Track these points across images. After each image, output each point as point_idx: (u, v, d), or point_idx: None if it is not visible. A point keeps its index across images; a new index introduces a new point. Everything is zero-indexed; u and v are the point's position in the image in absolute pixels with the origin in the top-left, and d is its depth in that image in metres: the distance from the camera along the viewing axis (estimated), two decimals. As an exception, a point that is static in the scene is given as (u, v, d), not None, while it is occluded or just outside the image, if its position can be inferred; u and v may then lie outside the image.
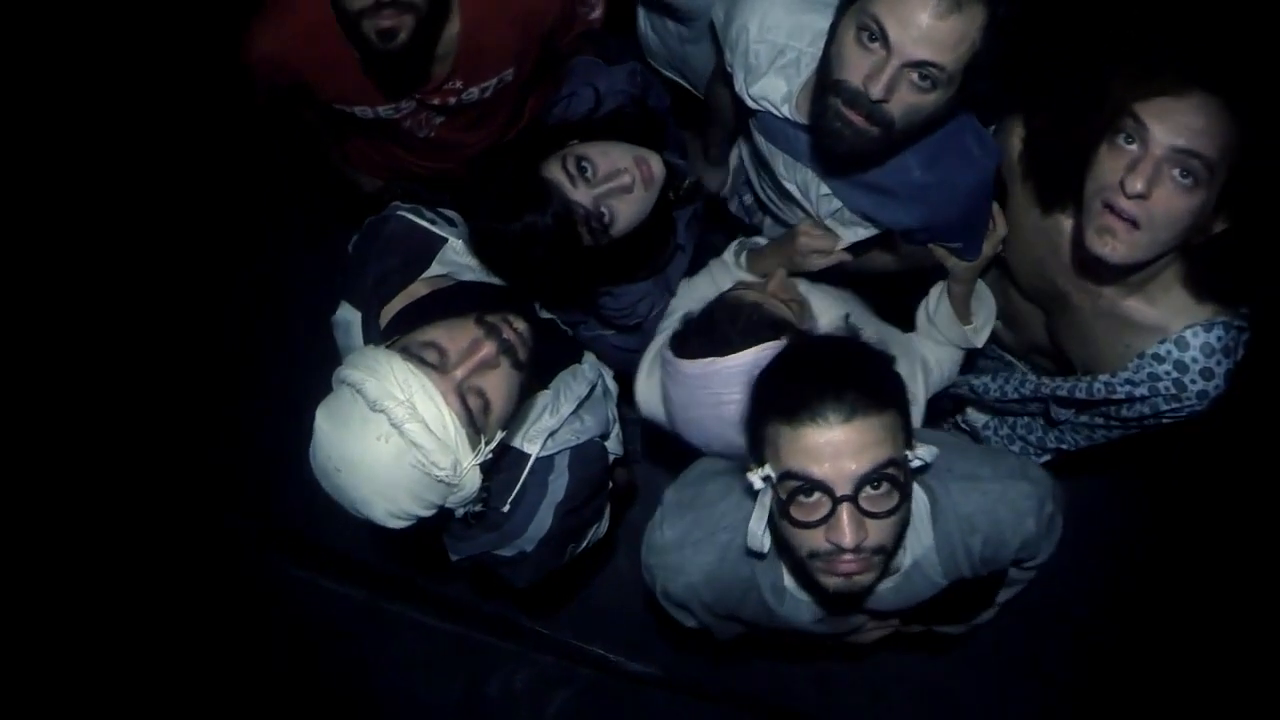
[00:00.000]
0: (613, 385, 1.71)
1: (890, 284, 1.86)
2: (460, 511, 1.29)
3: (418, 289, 1.51)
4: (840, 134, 1.39)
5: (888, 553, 1.17)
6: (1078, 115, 1.34)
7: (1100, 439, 1.71)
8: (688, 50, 2.04)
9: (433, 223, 1.58)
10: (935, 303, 1.77)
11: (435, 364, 1.22)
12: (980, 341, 1.78)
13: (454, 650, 2.52)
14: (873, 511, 1.13)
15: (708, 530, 1.38)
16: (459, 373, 1.22)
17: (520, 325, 1.29)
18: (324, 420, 1.22)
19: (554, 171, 1.48)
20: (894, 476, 1.14)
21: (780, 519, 1.18)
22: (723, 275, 1.76)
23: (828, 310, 1.60)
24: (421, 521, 1.26)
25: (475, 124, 1.84)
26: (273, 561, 2.60)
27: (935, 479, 1.30)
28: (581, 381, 1.58)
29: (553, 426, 1.48)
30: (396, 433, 1.17)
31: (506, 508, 1.43)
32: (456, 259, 1.56)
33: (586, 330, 1.76)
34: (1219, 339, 1.40)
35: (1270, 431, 2.14)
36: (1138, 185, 1.24)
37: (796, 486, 1.13)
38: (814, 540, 1.14)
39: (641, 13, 2.10)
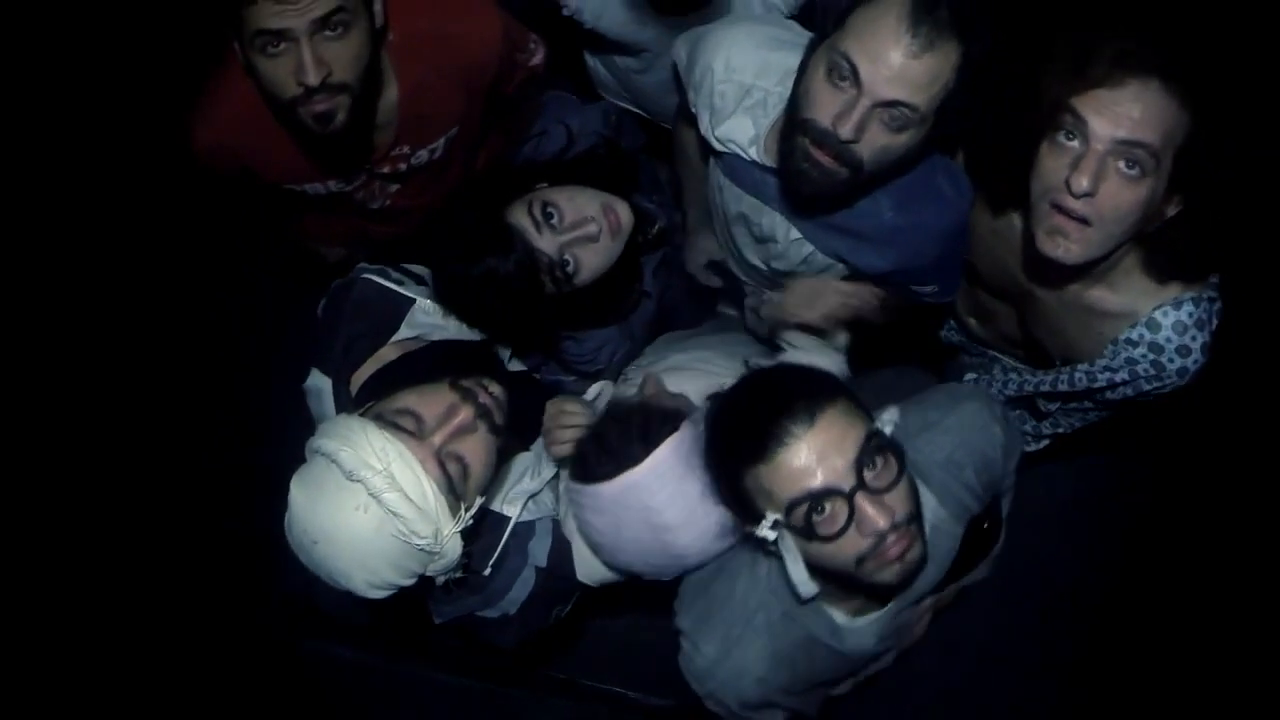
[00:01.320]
0: None
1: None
2: (441, 579, 1.28)
3: (387, 353, 1.49)
4: (807, 174, 1.35)
5: (917, 516, 1.19)
6: (1015, 116, 1.32)
7: (1094, 419, 1.70)
8: (639, 81, 2.03)
9: (399, 283, 1.56)
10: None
11: (412, 431, 1.21)
12: (843, 342, 1.65)
13: (467, 705, 2.49)
14: (883, 487, 1.14)
15: (743, 622, 1.35)
16: (437, 439, 1.21)
17: (495, 389, 1.28)
18: (299, 492, 1.21)
19: (519, 217, 1.47)
20: (881, 445, 1.16)
21: (810, 544, 1.18)
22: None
23: (698, 388, 1.49)
24: (402, 590, 1.25)
25: (429, 185, 1.82)
26: (281, 636, 2.56)
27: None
28: None
29: (533, 490, 1.46)
30: (375, 502, 1.16)
31: (488, 571, 1.41)
32: (426, 319, 1.54)
33: (547, 374, 1.74)
34: (1190, 314, 1.39)
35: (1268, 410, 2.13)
36: (1083, 183, 1.22)
37: (808, 508, 1.15)
38: (853, 545, 1.15)
39: (587, 50, 2.09)
